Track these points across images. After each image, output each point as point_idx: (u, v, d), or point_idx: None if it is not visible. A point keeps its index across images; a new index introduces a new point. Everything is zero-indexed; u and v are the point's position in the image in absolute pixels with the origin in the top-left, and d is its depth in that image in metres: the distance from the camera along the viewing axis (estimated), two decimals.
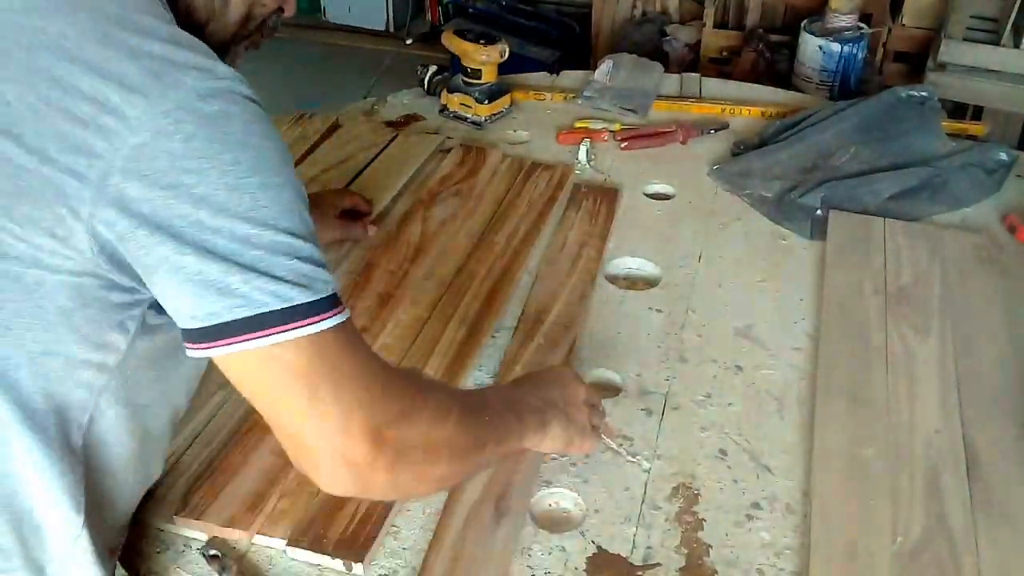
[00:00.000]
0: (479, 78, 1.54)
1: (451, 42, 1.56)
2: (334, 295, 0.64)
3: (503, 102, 1.58)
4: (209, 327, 0.60)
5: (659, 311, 1.14)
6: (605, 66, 1.70)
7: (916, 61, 2.35)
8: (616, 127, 1.52)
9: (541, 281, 1.17)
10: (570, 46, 2.95)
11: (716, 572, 0.82)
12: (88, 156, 0.59)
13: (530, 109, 1.62)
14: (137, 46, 0.61)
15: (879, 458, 0.92)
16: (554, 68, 1.79)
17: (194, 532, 0.85)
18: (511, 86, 1.61)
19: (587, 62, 2.73)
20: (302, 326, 0.61)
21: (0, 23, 0.63)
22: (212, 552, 0.82)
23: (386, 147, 1.46)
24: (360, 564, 0.81)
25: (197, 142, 0.59)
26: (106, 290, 0.65)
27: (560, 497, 0.90)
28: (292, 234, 0.62)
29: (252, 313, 0.60)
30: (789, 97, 1.71)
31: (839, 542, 0.83)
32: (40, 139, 0.59)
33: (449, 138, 1.51)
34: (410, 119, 1.59)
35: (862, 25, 2.19)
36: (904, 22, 2.37)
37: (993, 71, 2.05)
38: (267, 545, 0.84)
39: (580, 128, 1.53)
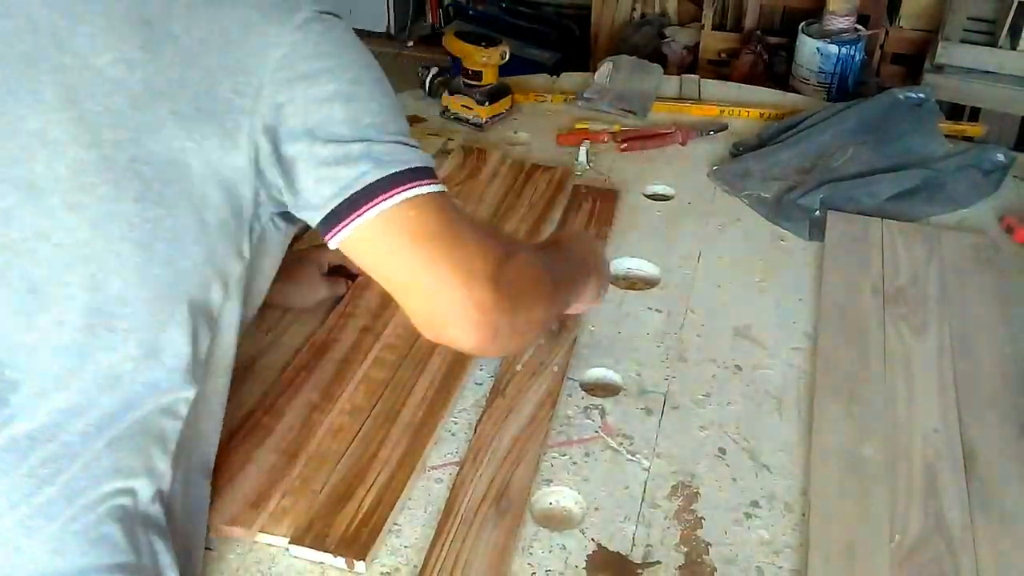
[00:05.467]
0: (480, 80, 1.55)
1: (452, 44, 1.57)
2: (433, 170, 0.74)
3: (504, 104, 1.58)
4: (346, 199, 0.69)
5: (659, 311, 1.14)
6: (605, 68, 1.70)
7: (913, 63, 2.35)
8: (615, 128, 1.53)
9: None
10: (570, 48, 2.96)
11: (715, 570, 0.83)
12: (246, 74, 0.69)
13: (530, 111, 1.63)
14: None
15: (877, 457, 0.92)
16: (554, 70, 1.79)
17: None
18: (511, 88, 1.61)
19: (587, 64, 2.74)
20: (422, 184, 0.71)
21: None
22: None
23: None
24: (362, 562, 0.81)
25: (324, 46, 0.71)
26: (248, 205, 0.73)
27: (560, 495, 0.91)
28: (399, 118, 0.74)
29: (381, 175, 0.69)
30: (787, 99, 1.71)
31: (837, 540, 0.84)
32: (208, 62, 0.68)
33: (450, 139, 1.51)
34: (411, 120, 1.59)
35: (859, 27, 2.20)
36: (901, 24, 2.38)
37: (990, 73, 2.06)
38: (269, 543, 0.84)
39: (580, 130, 1.54)
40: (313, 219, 0.72)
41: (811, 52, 2.14)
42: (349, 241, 0.71)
